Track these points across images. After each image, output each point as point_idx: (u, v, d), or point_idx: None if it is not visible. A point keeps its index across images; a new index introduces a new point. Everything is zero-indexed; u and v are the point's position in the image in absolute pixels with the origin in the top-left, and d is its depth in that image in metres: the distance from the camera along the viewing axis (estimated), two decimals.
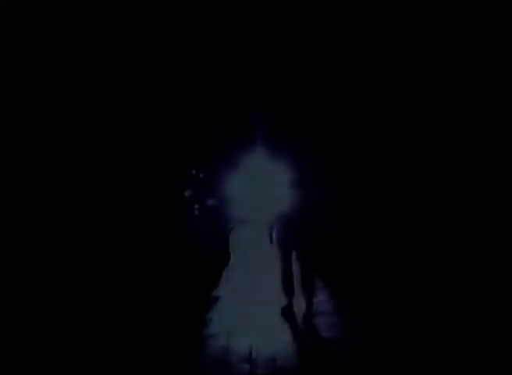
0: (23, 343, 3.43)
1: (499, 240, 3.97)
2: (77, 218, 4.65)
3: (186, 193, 6.46)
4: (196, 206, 6.64)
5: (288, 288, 4.30)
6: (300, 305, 4.27)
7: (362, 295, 4.68)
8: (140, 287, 4.80)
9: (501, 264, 3.90)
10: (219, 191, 6.96)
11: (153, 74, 5.57)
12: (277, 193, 4.35)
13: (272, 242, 4.40)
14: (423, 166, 4.88)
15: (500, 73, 4.04)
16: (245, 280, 5.71)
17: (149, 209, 5.54)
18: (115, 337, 3.63)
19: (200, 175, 6.84)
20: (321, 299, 4.63)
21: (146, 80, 5.50)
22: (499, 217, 4.02)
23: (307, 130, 6.36)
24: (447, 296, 4.08)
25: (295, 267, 4.33)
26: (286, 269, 4.31)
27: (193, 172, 6.71)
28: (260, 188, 4.85)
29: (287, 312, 4.22)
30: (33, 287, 4.02)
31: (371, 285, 4.90)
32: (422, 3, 4.66)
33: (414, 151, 5.00)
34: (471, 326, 3.45)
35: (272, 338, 3.55)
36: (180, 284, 5.22)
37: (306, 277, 4.27)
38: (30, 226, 4.17)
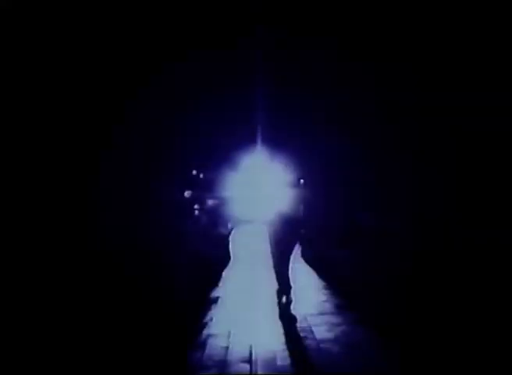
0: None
1: None
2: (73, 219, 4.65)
3: (187, 193, 6.46)
4: (196, 206, 6.64)
5: (284, 284, 4.39)
6: (299, 304, 4.31)
7: (362, 296, 4.68)
8: (140, 288, 4.79)
9: None
10: (219, 191, 6.97)
11: (151, 72, 5.57)
12: (275, 193, 4.40)
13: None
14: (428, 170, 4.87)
15: None
16: (245, 280, 5.71)
17: (148, 210, 5.54)
18: (116, 338, 3.63)
19: (201, 175, 6.84)
20: (322, 299, 4.63)
21: (146, 80, 5.50)
22: None
23: (309, 132, 6.36)
24: (446, 295, 4.08)
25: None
26: (281, 265, 4.39)
27: (194, 172, 6.72)
28: (259, 189, 4.87)
29: (287, 312, 4.22)
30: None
31: (371, 285, 4.90)
32: None
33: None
34: (470, 325, 3.45)
35: (272, 338, 3.55)
36: (181, 285, 5.22)
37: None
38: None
